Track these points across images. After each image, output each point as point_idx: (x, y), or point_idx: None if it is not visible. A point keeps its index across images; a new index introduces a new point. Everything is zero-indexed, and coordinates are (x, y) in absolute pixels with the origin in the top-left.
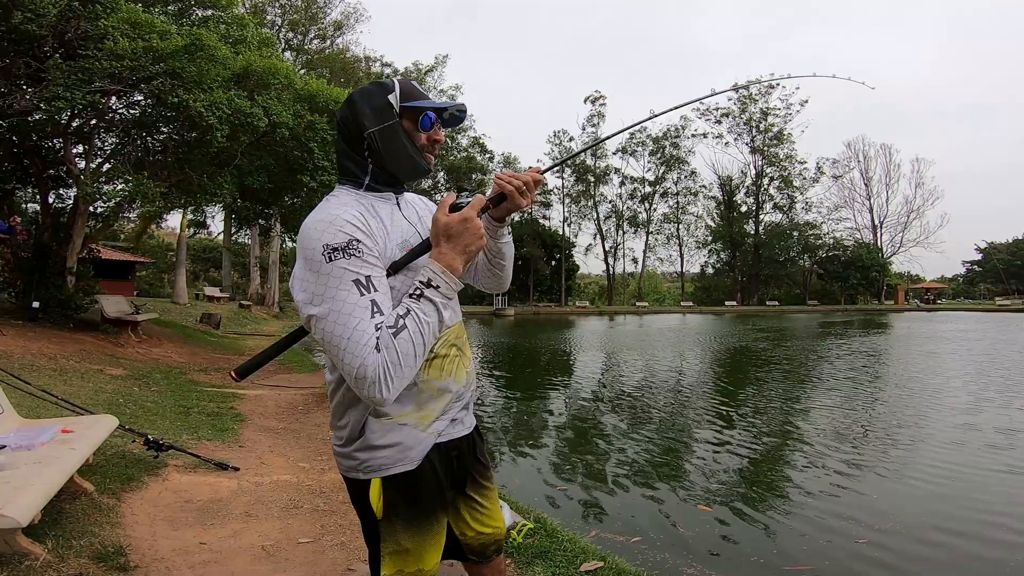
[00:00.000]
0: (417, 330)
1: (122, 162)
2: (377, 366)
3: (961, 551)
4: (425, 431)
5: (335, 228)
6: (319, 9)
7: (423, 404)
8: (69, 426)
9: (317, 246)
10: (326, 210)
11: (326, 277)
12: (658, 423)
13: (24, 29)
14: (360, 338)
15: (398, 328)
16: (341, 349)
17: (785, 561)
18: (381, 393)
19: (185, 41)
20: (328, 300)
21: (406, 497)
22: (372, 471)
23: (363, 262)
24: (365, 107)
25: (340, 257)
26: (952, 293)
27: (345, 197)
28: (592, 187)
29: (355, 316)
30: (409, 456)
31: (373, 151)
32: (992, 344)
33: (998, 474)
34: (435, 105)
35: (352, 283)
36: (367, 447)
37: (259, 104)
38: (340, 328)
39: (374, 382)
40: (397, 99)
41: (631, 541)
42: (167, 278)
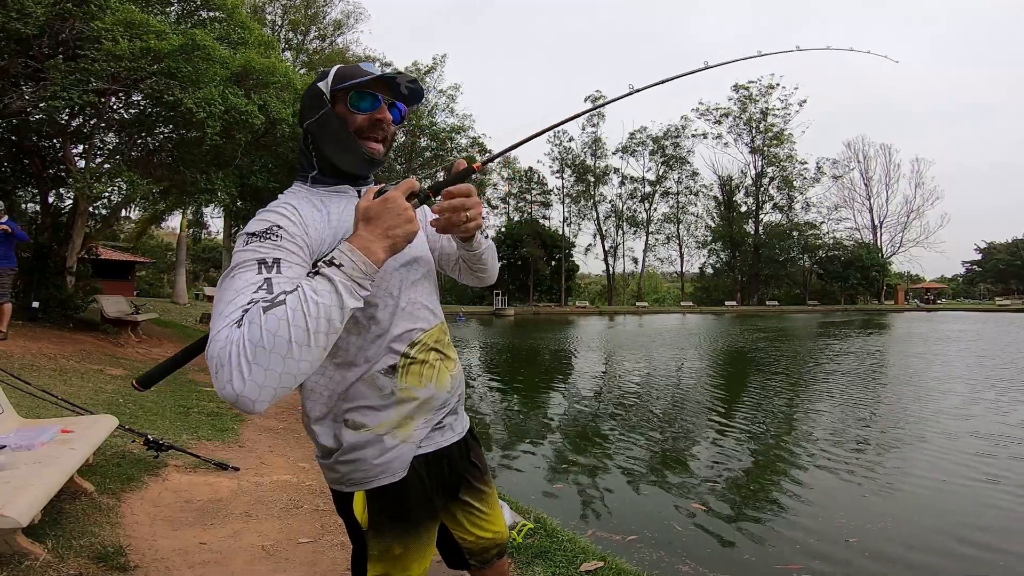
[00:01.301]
0: (299, 308)
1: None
2: (229, 343)
3: (951, 552)
4: (406, 442)
5: (263, 218)
6: (319, 9)
7: (403, 414)
8: (69, 426)
9: (242, 235)
10: (267, 206)
11: (233, 260)
12: (656, 423)
13: (11, 28)
14: (227, 310)
15: (273, 302)
16: (210, 329)
17: (777, 559)
18: (232, 383)
19: (181, 41)
20: (224, 280)
21: (390, 509)
22: (355, 484)
23: (276, 246)
24: (305, 99)
25: (255, 240)
26: (952, 293)
27: (290, 193)
28: (592, 187)
29: (236, 291)
30: (391, 468)
31: (314, 142)
32: (991, 344)
33: (989, 478)
34: (360, 81)
35: (256, 262)
36: (347, 460)
37: (255, 102)
38: (218, 305)
39: (222, 365)
40: (328, 84)
41: (627, 540)
42: (167, 278)
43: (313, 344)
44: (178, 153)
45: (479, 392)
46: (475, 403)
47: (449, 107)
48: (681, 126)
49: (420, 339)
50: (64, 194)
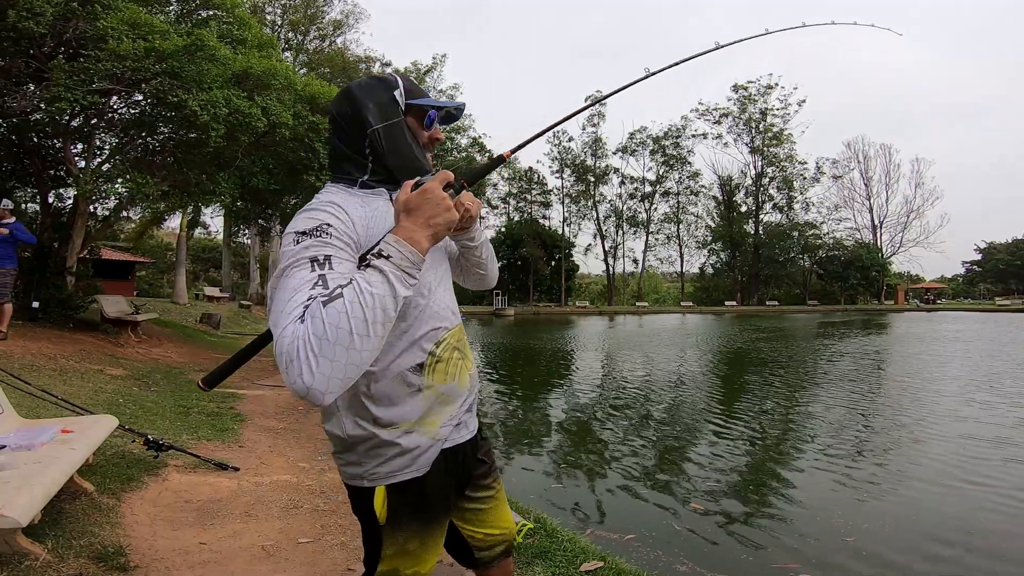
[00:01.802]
0: (356, 300)
1: (122, 161)
2: (296, 339)
3: (949, 553)
4: (432, 438)
5: (309, 216)
6: (318, 9)
7: (428, 410)
8: (69, 426)
9: (291, 233)
10: (310, 205)
11: (285, 259)
12: (656, 423)
13: (22, 27)
14: (289, 308)
15: (332, 297)
16: (272, 326)
17: (774, 559)
18: (302, 377)
19: (185, 41)
20: (278, 280)
21: (410, 504)
22: (378, 479)
23: (326, 243)
24: (368, 102)
25: (306, 239)
26: (952, 293)
27: (333, 193)
28: (592, 187)
29: (295, 289)
30: (417, 464)
31: (375, 149)
32: (990, 345)
33: (986, 480)
34: (440, 104)
35: (308, 260)
36: (373, 455)
37: (258, 104)
38: (277, 303)
39: (292, 360)
40: (402, 96)
41: (625, 539)
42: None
43: (372, 334)
44: (180, 153)
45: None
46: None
47: None
48: (681, 126)
49: (444, 338)
50: (64, 194)
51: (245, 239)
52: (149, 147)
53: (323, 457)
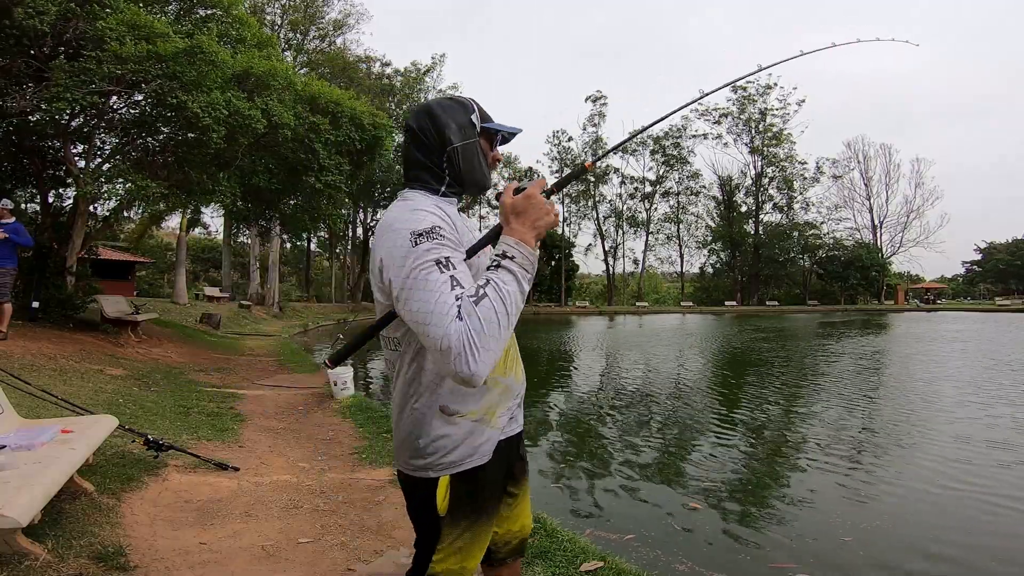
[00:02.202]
0: (498, 297)
1: (122, 161)
2: (460, 334)
3: (945, 553)
4: (493, 427)
5: (419, 217)
6: (318, 8)
7: (491, 401)
8: (69, 426)
9: (404, 234)
10: (404, 207)
11: (411, 259)
12: (655, 423)
13: (27, 25)
14: (441, 309)
15: (478, 296)
16: (425, 324)
17: (772, 559)
18: (468, 366)
19: (185, 44)
20: (412, 280)
21: (471, 493)
22: (443, 469)
23: (443, 245)
24: (450, 122)
25: (424, 240)
26: (952, 293)
27: (422, 198)
28: (592, 187)
29: (436, 291)
30: (481, 452)
31: (452, 164)
32: (989, 345)
33: (985, 482)
34: (508, 129)
35: (433, 262)
36: (441, 445)
37: (258, 105)
38: (422, 304)
39: (459, 353)
40: (478, 119)
41: (624, 539)
42: (167, 278)
43: (510, 324)
44: (181, 153)
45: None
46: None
47: None
48: (682, 126)
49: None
50: (64, 194)
51: (245, 239)
52: (149, 147)
53: (323, 457)
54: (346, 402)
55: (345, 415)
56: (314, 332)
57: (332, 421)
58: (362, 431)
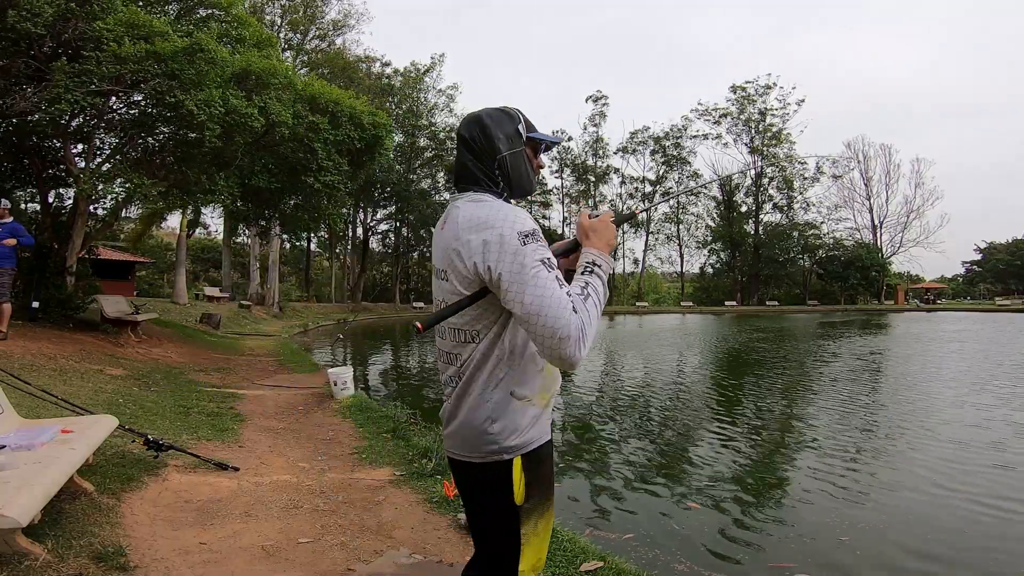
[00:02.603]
0: (596, 298)
1: (121, 161)
2: (577, 326)
3: (941, 551)
4: (549, 408)
5: (521, 219)
6: (317, 9)
7: (548, 387)
8: (69, 426)
9: (511, 232)
10: (499, 207)
11: (523, 257)
12: (654, 423)
13: (21, 28)
14: (560, 302)
15: (585, 295)
16: (544, 315)
17: (770, 558)
18: (580, 351)
19: (185, 43)
20: (527, 275)
21: (542, 474)
22: (518, 450)
23: (543, 246)
24: (499, 132)
25: (531, 241)
26: (952, 293)
27: (498, 200)
28: (592, 187)
29: (550, 287)
30: (545, 429)
31: (503, 171)
32: (988, 345)
33: (978, 481)
34: (550, 140)
35: (541, 262)
36: (514, 429)
37: (256, 104)
38: (540, 298)
39: (577, 340)
40: (524, 129)
41: (623, 538)
42: (167, 278)
43: (599, 320)
44: (180, 153)
45: None
46: None
47: (448, 107)
48: (682, 127)
49: None
50: (64, 194)
51: (245, 239)
52: (149, 147)
53: (323, 457)
54: (346, 402)
55: (345, 415)
56: (314, 332)
57: (332, 421)
58: (362, 431)
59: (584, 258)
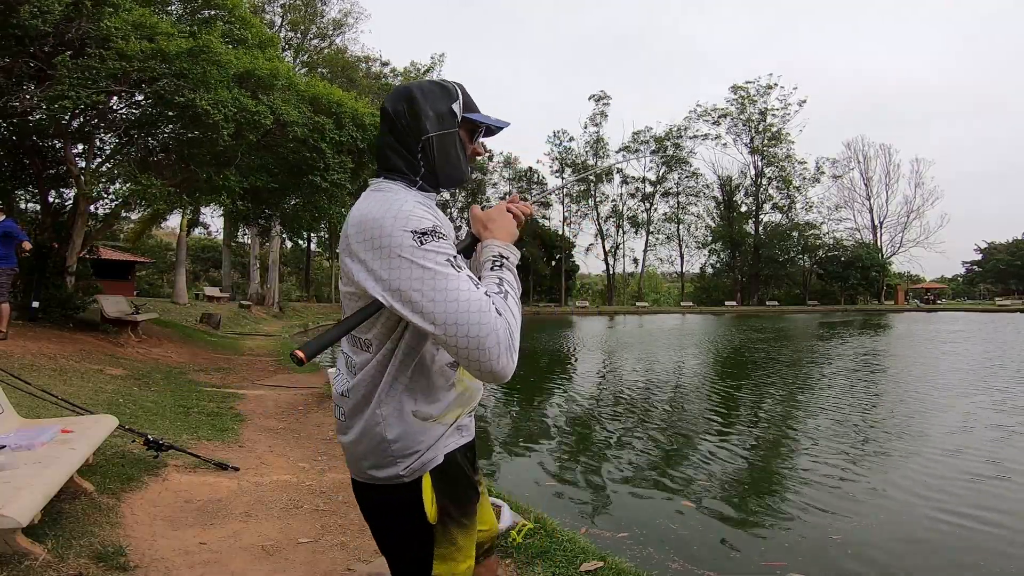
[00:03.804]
0: (515, 296)
1: (122, 162)
2: (505, 330)
3: (931, 549)
4: (457, 428)
5: (417, 215)
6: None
7: (456, 403)
8: (69, 426)
9: (402, 233)
10: (392, 201)
11: (422, 259)
12: (650, 424)
13: (30, 24)
14: (480, 307)
15: (504, 292)
16: (462, 325)
17: (763, 557)
18: (511, 359)
19: (190, 43)
20: (431, 281)
21: (453, 491)
22: (420, 470)
23: (447, 243)
24: (428, 109)
25: (431, 240)
26: (952, 293)
27: (403, 192)
28: (593, 187)
29: (464, 290)
30: (448, 446)
31: (427, 154)
32: (987, 346)
33: (970, 482)
34: (493, 122)
35: (447, 261)
36: (413, 449)
37: (264, 103)
38: (455, 304)
39: (507, 348)
40: (460, 108)
41: (617, 536)
42: (167, 278)
43: (520, 317)
44: (185, 152)
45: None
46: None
47: None
48: (684, 127)
49: None
50: (64, 194)
51: (245, 239)
52: (150, 147)
53: (323, 457)
54: None
55: None
56: (314, 332)
57: (332, 421)
58: None
59: (488, 252)
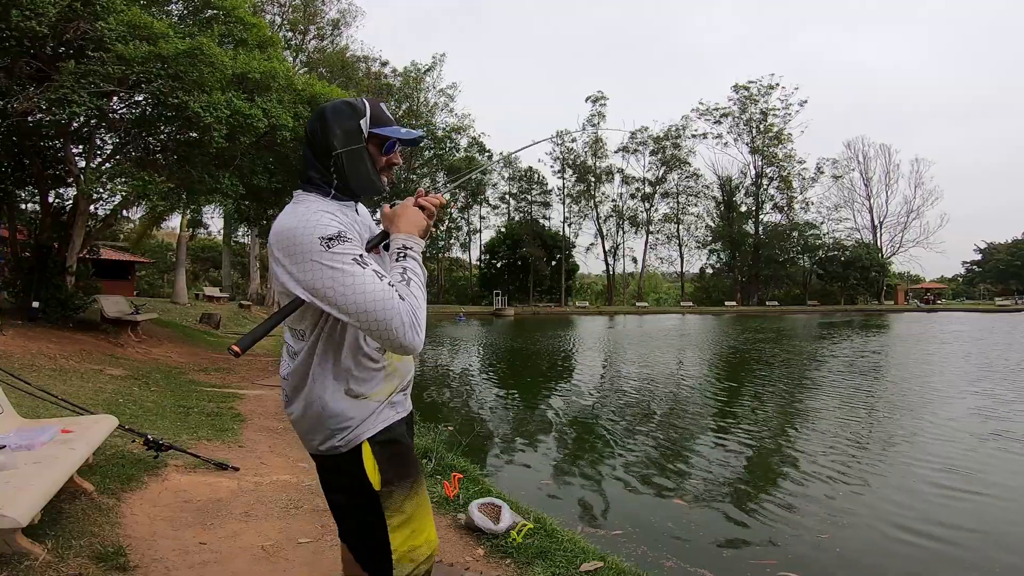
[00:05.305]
0: (418, 281)
1: (122, 161)
2: (408, 312)
3: (919, 548)
4: (392, 405)
5: (323, 224)
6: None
7: (386, 382)
8: (69, 426)
9: (311, 240)
10: (303, 213)
11: (331, 260)
12: (647, 424)
13: (25, 27)
14: (383, 295)
15: (406, 279)
16: (371, 311)
17: (753, 555)
18: (417, 335)
19: (186, 45)
20: (341, 278)
21: (395, 454)
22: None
23: (353, 244)
24: (336, 127)
25: (337, 243)
26: (952, 293)
27: (315, 202)
28: (593, 187)
29: (370, 283)
30: (387, 419)
31: (338, 168)
32: (986, 346)
33: (960, 482)
34: (399, 135)
35: (353, 261)
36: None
37: (258, 106)
38: (363, 295)
39: (412, 326)
40: (367, 124)
41: (612, 534)
42: (167, 278)
43: (425, 300)
44: (182, 153)
45: (478, 392)
46: (474, 403)
47: (448, 107)
48: (682, 126)
49: None
50: (64, 194)
51: (245, 239)
52: (149, 147)
53: None
54: None
55: None
56: None
57: None
58: None
59: (393, 244)
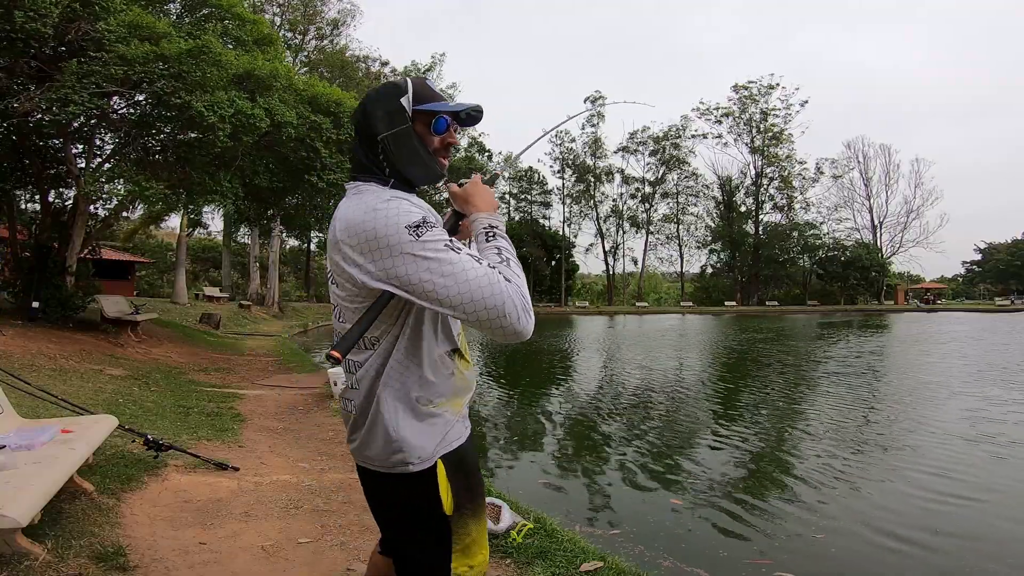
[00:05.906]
0: (515, 260)
1: (122, 162)
2: (517, 295)
3: (913, 548)
4: (461, 417)
5: (404, 211)
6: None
7: (457, 393)
8: (69, 426)
9: (397, 230)
10: (373, 203)
11: (422, 250)
12: (645, 425)
13: (28, 28)
14: (489, 280)
15: (505, 260)
16: (479, 299)
17: (749, 554)
18: (529, 318)
19: (189, 44)
20: (439, 268)
21: (466, 482)
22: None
23: (441, 231)
24: (377, 110)
25: (425, 231)
26: (952, 293)
27: (381, 191)
28: (592, 187)
29: (471, 269)
30: (458, 432)
31: (388, 155)
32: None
33: (956, 483)
34: (448, 108)
35: (446, 247)
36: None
37: (260, 105)
38: (467, 283)
39: (524, 309)
40: (410, 102)
41: (609, 534)
42: (167, 278)
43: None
44: (182, 153)
45: (477, 392)
46: (473, 403)
47: None
48: (682, 126)
49: (461, 330)
50: (64, 194)
51: (245, 239)
52: (149, 147)
53: (323, 457)
54: None
55: None
56: (314, 332)
57: (332, 421)
58: None
59: (479, 225)
